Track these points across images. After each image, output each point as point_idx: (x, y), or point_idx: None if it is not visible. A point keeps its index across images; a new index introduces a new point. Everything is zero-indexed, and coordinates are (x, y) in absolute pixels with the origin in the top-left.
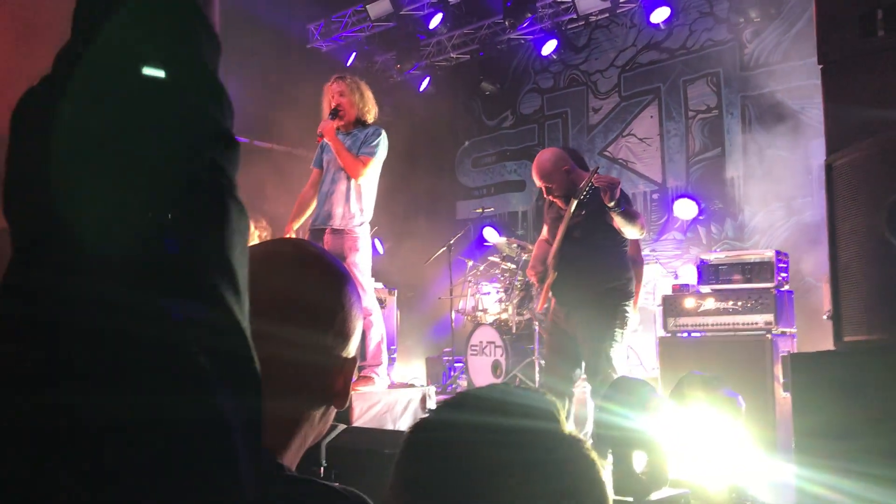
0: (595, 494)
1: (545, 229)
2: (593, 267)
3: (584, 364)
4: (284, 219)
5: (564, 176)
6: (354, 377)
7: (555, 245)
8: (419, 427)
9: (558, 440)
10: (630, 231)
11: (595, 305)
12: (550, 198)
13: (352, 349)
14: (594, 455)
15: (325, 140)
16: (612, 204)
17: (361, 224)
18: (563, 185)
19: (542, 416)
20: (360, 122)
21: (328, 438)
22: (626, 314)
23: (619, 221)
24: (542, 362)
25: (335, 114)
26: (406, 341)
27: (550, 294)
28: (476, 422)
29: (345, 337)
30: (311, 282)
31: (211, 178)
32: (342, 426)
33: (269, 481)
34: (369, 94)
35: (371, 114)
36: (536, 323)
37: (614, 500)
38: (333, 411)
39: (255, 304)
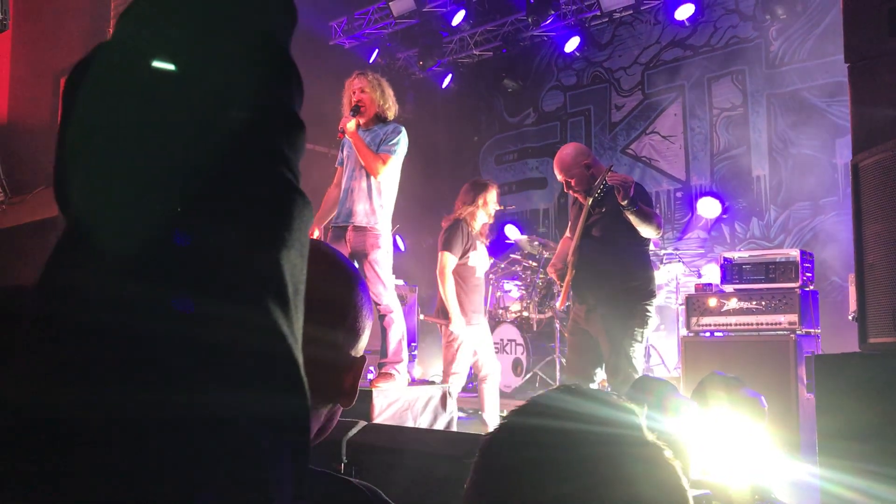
0: (676, 501)
1: (570, 226)
2: (612, 266)
3: (605, 362)
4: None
5: (584, 171)
6: (375, 374)
7: (574, 242)
8: (501, 431)
9: (641, 447)
10: (645, 230)
11: (614, 304)
12: (570, 192)
13: (361, 348)
14: (676, 463)
15: (346, 136)
16: (625, 203)
17: (383, 221)
18: (583, 179)
19: (628, 426)
20: (380, 119)
21: (349, 435)
22: (647, 314)
23: (633, 220)
24: (563, 361)
25: (356, 110)
26: (427, 338)
27: (571, 292)
28: (558, 427)
29: (355, 335)
30: (322, 280)
31: (266, 165)
32: (363, 423)
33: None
34: (390, 92)
35: (392, 111)
36: (558, 322)
37: None
38: (340, 410)
39: None
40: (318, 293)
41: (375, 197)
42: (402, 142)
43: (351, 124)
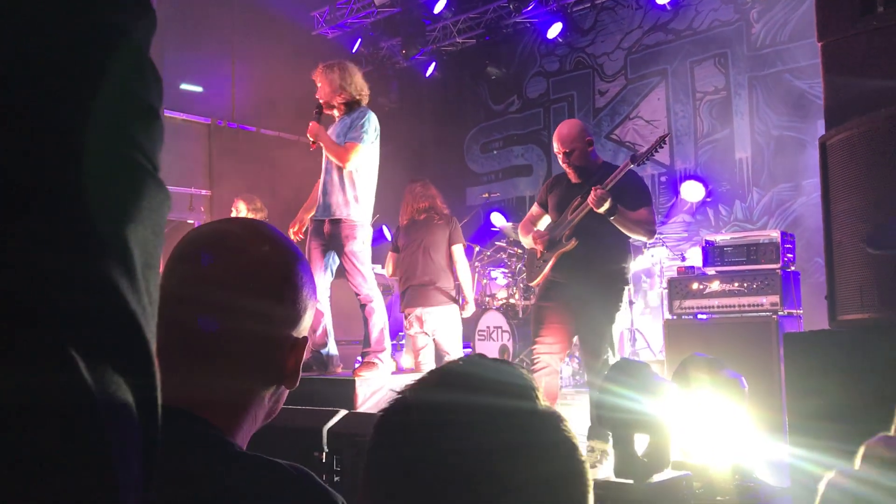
0: (580, 477)
1: (535, 208)
2: (598, 248)
3: (583, 345)
4: (290, 205)
5: (586, 146)
6: (357, 363)
7: (573, 220)
8: (394, 409)
9: (543, 420)
10: (633, 235)
11: (598, 287)
12: (565, 166)
13: (303, 329)
14: (575, 435)
15: (317, 140)
16: (602, 213)
17: (358, 212)
18: (583, 155)
19: (522, 394)
20: (350, 106)
21: (329, 424)
22: (621, 299)
23: (617, 226)
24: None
25: (318, 111)
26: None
27: (549, 268)
28: (454, 402)
29: (295, 315)
30: (260, 259)
31: (116, 147)
32: (343, 412)
33: (214, 458)
34: (351, 73)
35: (360, 92)
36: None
37: (616, 483)
38: (285, 392)
39: (202, 280)
40: (257, 273)
41: (349, 188)
42: (368, 126)
43: (311, 126)
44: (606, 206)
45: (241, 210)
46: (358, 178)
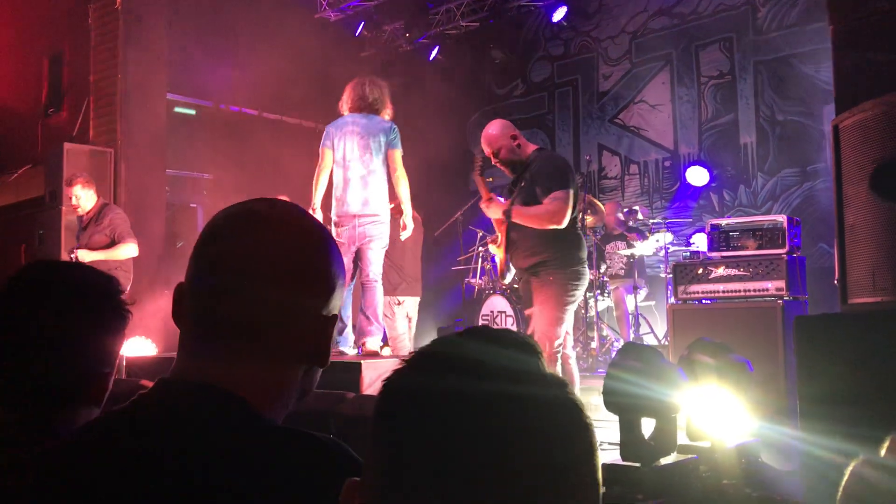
0: (593, 461)
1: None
2: (533, 237)
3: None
4: (291, 187)
5: (511, 142)
6: (379, 347)
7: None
8: (395, 392)
9: (558, 404)
10: (543, 226)
11: (538, 274)
12: (497, 164)
13: (333, 307)
14: (588, 416)
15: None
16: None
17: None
18: (510, 150)
19: (531, 378)
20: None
21: (337, 407)
22: (570, 285)
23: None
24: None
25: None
26: (419, 312)
27: (510, 264)
28: (462, 387)
29: (324, 293)
30: (289, 238)
31: None
32: (351, 394)
33: (251, 433)
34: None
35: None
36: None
37: (622, 466)
38: (318, 371)
39: (232, 260)
40: (286, 252)
41: (385, 185)
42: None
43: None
44: (496, 214)
45: (75, 190)
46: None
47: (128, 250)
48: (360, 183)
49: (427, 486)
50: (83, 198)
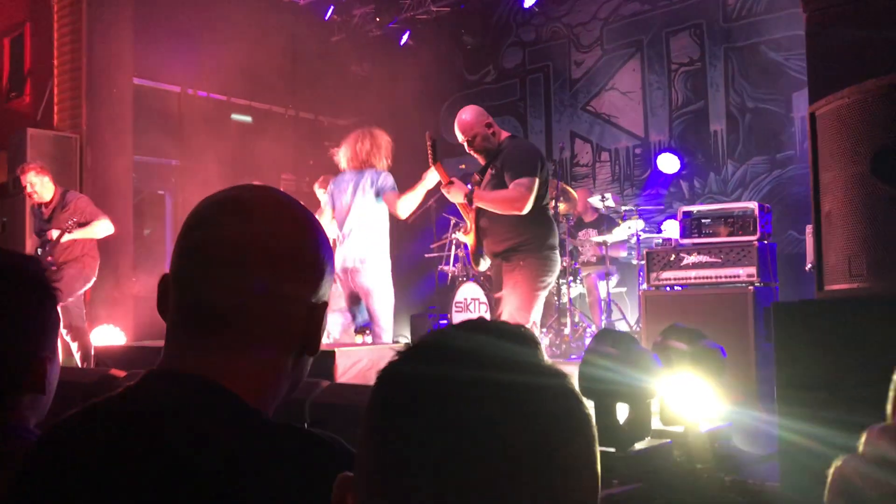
0: (593, 451)
1: None
2: (504, 223)
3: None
4: (258, 172)
5: (486, 129)
6: (360, 337)
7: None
8: (392, 384)
9: (560, 394)
10: (507, 211)
11: (509, 260)
12: (472, 152)
13: (322, 295)
14: (587, 407)
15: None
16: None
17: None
18: (485, 138)
19: (534, 369)
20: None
21: (312, 395)
22: (543, 270)
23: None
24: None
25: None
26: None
27: (483, 251)
28: (461, 377)
29: (315, 282)
30: (276, 225)
31: None
32: (326, 382)
33: (241, 426)
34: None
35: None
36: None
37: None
38: (308, 360)
39: (218, 248)
40: (273, 239)
41: (380, 235)
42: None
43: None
44: (458, 198)
45: (29, 178)
46: None
47: (103, 226)
48: (353, 237)
49: (428, 479)
50: (38, 185)
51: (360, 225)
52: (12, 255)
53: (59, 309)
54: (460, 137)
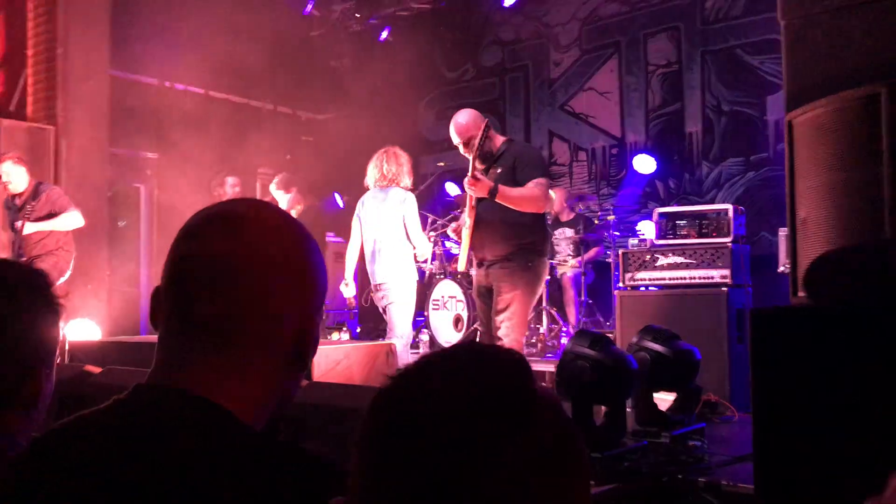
0: (585, 476)
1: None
2: (505, 225)
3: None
4: (239, 167)
5: (483, 133)
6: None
7: (469, 203)
8: (384, 406)
9: (552, 420)
10: (522, 210)
11: (508, 262)
12: (468, 153)
13: (315, 309)
14: (579, 440)
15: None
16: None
17: None
18: (481, 141)
19: (522, 391)
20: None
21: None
22: (538, 272)
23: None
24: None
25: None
26: (367, 297)
27: (472, 253)
28: (448, 397)
29: (308, 297)
30: (267, 239)
31: None
32: (305, 381)
33: (229, 442)
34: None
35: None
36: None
37: None
38: (300, 374)
39: (209, 263)
40: (265, 253)
41: (405, 251)
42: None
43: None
44: (482, 192)
45: (4, 167)
46: None
47: (73, 218)
48: (381, 254)
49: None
50: (13, 174)
51: (387, 244)
52: (20, 269)
53: (61, 324)
54: (455, 140)
